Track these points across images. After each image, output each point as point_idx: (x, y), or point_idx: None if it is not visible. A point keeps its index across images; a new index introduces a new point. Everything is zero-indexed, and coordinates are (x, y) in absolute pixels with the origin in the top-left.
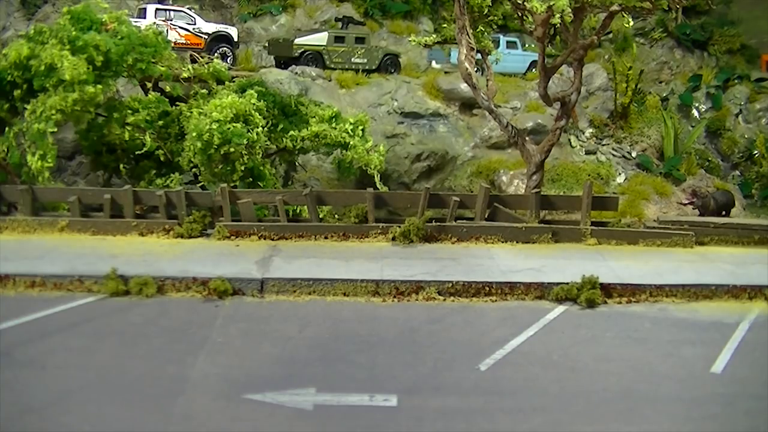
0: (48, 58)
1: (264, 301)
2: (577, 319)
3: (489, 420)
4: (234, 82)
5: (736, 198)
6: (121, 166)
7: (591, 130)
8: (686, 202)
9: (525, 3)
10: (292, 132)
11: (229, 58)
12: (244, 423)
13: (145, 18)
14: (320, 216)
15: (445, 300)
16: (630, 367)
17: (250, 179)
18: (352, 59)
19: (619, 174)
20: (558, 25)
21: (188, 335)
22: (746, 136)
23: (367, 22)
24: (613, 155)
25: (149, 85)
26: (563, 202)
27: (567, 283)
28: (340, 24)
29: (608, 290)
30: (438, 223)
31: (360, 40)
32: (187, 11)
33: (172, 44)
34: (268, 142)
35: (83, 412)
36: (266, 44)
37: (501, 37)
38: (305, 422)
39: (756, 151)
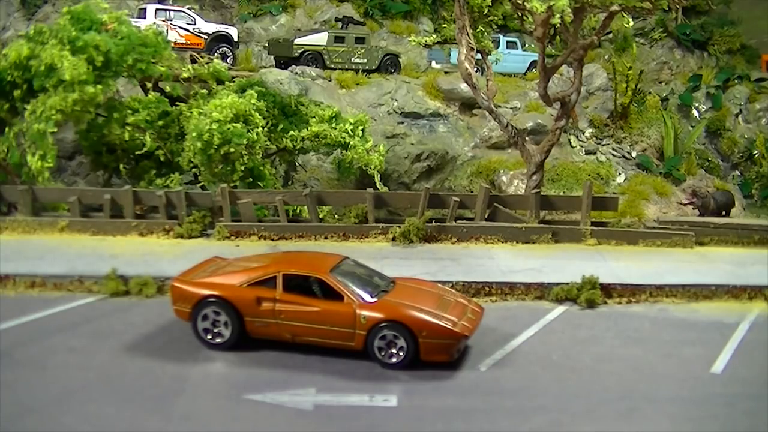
0: (48, 58)
1: None
2: (577, 320)
3: (489, 420)
4: (234, 82)
5: (736, 198)
6: (121, 166)
7: (591, 130)
8: (686, 202)
9: (525, 3)
10: (292, 132)
11: (229, 58)
12: (244, 423)
13: (145, 18)
14: (320, 216)
15: None
16: (630, 367)
17: (250, 179)
18: (352, 59)
19: (619, 174)
20: (558, 25)
21: (188, 335)
22: (746, 136)
23: (367, 22)
24: (613, 155)
25: (149, 85)
26: (563, 202)
27: (567, 284)
28: (340, 24)
29: (608, 290)
30: (438, 224)
31: (360, 40)
32: (187, 11)
33: (172, 44)
34: (268, 142)
35: (83, 412)
36: (266, 44)
37: (501, 37)
38: (305, 422)
39: (756, 151)
